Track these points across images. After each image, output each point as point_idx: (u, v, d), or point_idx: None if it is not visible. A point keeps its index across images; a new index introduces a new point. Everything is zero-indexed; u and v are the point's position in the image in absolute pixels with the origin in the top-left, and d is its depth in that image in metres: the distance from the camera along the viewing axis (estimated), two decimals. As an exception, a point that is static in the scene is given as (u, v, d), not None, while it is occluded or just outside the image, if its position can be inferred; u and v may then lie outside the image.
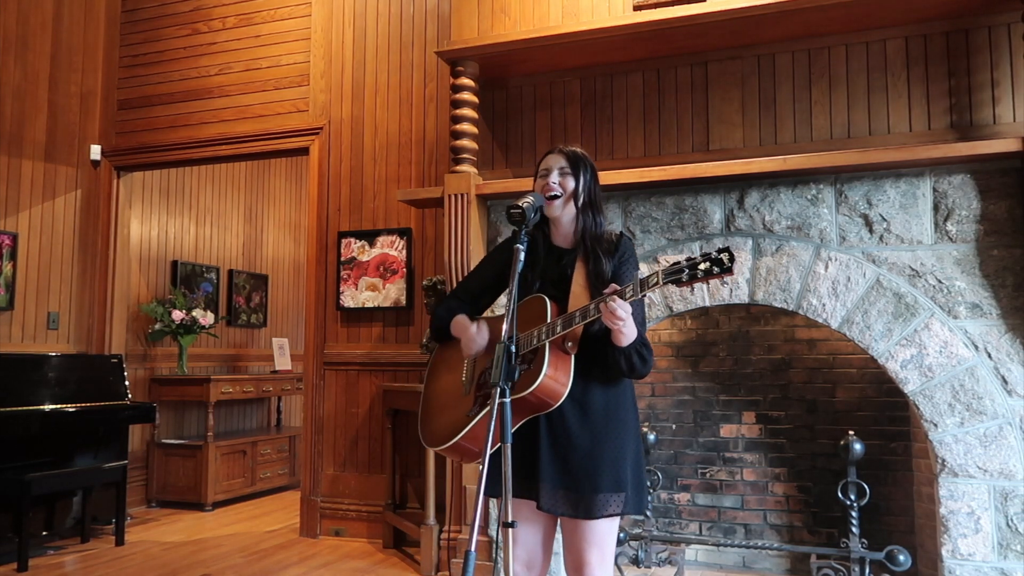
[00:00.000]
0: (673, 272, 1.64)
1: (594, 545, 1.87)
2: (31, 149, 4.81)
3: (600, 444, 1.86)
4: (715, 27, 3.28)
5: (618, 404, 1.92)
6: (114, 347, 5.06)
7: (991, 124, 3.14)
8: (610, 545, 1.90)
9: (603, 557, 1.88)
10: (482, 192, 3.57)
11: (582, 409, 1.87)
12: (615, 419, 1.90)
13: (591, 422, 1.87)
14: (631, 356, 1.82)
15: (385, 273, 4.41)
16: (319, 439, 4.51)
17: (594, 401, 1.89)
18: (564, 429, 1.87)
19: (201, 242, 6.05)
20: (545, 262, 2.01)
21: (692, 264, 1.61)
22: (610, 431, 1.88)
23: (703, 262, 1.59)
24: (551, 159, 2.02)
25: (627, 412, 1.94)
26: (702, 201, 3.38)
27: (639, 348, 1.82)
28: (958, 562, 2.92)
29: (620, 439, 1.89)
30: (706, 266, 1.59)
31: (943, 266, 3.04)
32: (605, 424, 1.88)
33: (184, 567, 3.84)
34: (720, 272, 1.58)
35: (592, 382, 1.89)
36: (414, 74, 4.44)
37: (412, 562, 3.91)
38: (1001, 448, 2.91)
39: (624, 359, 1.82)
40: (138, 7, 5.18)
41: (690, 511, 3.88)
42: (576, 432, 1.86)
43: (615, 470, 1.86)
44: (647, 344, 1.85)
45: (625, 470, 1.87)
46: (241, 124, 4.80)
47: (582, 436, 1.86)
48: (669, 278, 1.63)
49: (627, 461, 1.89)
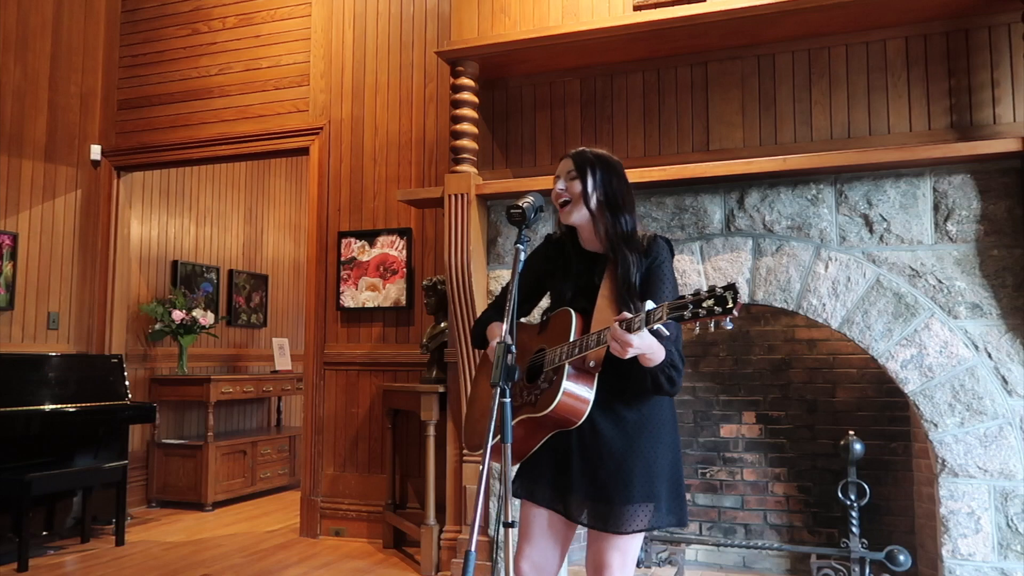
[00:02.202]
0: (677, 307, 1.61)
1: (617, 550, 1.85)
2: (31, 149, 4.81)
3: (632, 455, 1.85)
4: (715, 27, 3.27)
5: (652, 415, 1.89)
6: (114, 347, 5.06)
7: (991, 124, 3.14)
8: (633, 550, 1.88)
9: (624, 562, 1.86)
10: (482, 192, 3.57)
11: (615, 421, 1.86)
12: (648, 430, 1.88)
13: (624, 433, 1.86)
14: (658, 377, 1.78)
15: (385, 273, 4.41)
16: (319, 439, 4.51)
17: (627, 413, 1.87)
18: (595, 441, 1.86)
19: (201, 242, 6.05)
20: (577, 269, 1.98)
21: (697, 301, 1.59)
22: (643, 442, 1.86)
23: (708, 298, 1.57)
24: (561, 164, 2.00)
25: (662, 424, 1.90)
26: (702, 201, 3.38)
27: (666, 369, 1.78)
28: (958, 562, 2.92)
29: (653, 450, 1.87)
30: (709, 304, 1.57)
31: (943, 266, 3.04)
32: (638, 436, 1.86)
33: (184, 567, 3.84)
34: (723, 313, 1.56)
35: (625, 394, 1.87)
36: (414, 74, 4.44)
37: (412, 562, 3.91)
38: (1001, 448, 2.91)
39: (651, 379, 1.79)
40: (138, 7, 5.18)
41: (690, 511, 3.88)
42: (607, 444, 1.85)
43: (646, 482, 1.84)
44: (676, 366, 1.80)
45: (657, 482, 1.85)
46: (241, 124, 4.80)
47: (613, 447, 1.85)
48: (673, 314, 1.61)
49: (661, 472, 1.86)
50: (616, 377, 1.85)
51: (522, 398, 1.93)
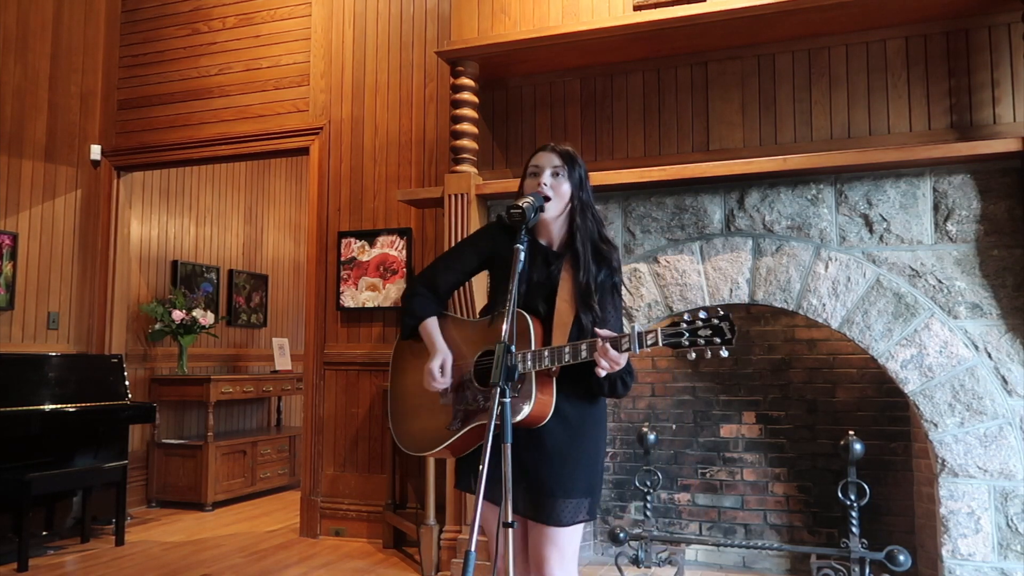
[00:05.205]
0: (673, 335, 1.61)
1: (554, 545, 1.86)
2: (31, 149, 4.81)
3: (575, 451, 1.86)
4: (715, 27, 3.28)
5: (593, 413, 1.91)
6: (114, 347, 5.06)
7: (991, 124, 3.14)
8: (573, 545, 1.89)
9: (563, 558, 1.86)
10: (482, 192, 3.57)
11: (560, 419, 1.85)
12: (590, 427, 1.90)
13: (568, 430, 1.86)
14: (615, 383, 1.81)
15: (385, 273, 4.41)
16: (319, 439, 4.51)
17: (571, 411, 1.87)
18: (541, 438, 1.85)
19: (201, 242, 6.05)
20: (531, 264, 1.92)
21: (692, 329, 1.58)
22: (586, 439, 1.88)
23: (704, 328, 1.57)
24: (543, 157, 1.94)
25: (601, 421, 1.95)
26: (702, 201, 3.38)
27: (624, 376, 1.81)
28: (958, 562, 2.92)
29: (594, 447, 1.90)
30: (707, 334, 1.56)
31: (943, 266, 3.04)
32: (581, 432, 1.88)
33: (184, 567, 3.84)
34: (720, 344, 1.56)
35: (569, 394, 1.87)
36: (414, 74, 4.44)
37: (412, 562, 3.91)
38: (1001, 448, 2.91)
39: (608, 384, 1.81)
40: (138, 7, 5.17)
41: (690, 511, 3.88)
42: (553, 440, 1.85)
43: (588, 477, 1.86)
44: (631, 371, 1.82)
45: (596, 478, 1.89)
46: (241, 124, 4.80)
47: (558, 444, 1.85)
48: (668, 340, 1.60)
49: (599, 469, 1.91)
50: (564, 377, 1.85)
51: (475, 403, 1.88)
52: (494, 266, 2.03)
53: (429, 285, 2.04)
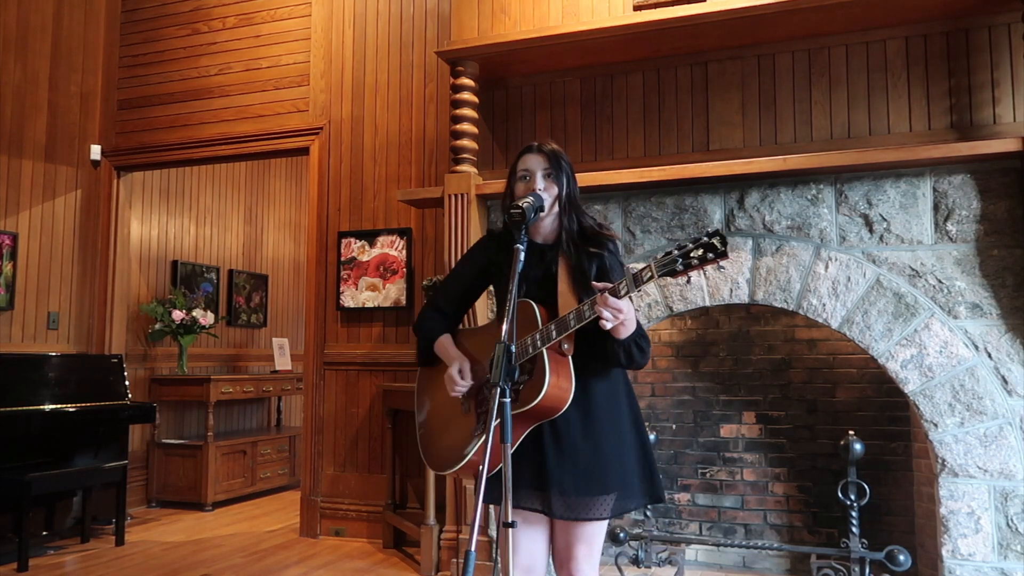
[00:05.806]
0: (667, 263, 1.57)
1: (582, 541, 1.86)
2: (31, 149, 4.81)
3: (605, 443, 1.84)
4: (715, 27, 3.28)
5: (617, 397, 1.90)
6: (114, 347, 5.06)
7: (991, 124, 3.14)
8: (599, 540, 1.89)
9: (591, 553, 1.87)
10: (482, 192, 3.57)
11: (583, 410, 1.85)
12: (616, 413, 1.88)
13: (594, 421, 1.85)
14: (631, 348, 1.77)
15: (385, 273, 4.41)
16: (319, 439, 4.50)
17: (594, 400, 1.86)
18: (568, 434, 1.84)
19: (201, 242, 6.05)
20: (528, 263, 1.92)
21: (684, 252, 1.55)
22: (613, 428, 1.87)
23: (695, 248, 1.53)
24: (531, 160, 1.95)
25: (625, 405, 1.92)
26: (702, 201, 3.38)
27: (638, 339, 1.78)
28: (958, 562, 2.92)
29: (621, 434, 1.88)
30: (699, 253, 1.53)
31: (943, 266, 3.04)
32: (608, 421, 1.86)
33: (184, 567, 3.84)
34: (715, 257, 1.52)
35: (590, 379, 1.86)
36: (414, 74, 4.44)
37: (412, 562, 3.91)
38: (1001, 448, 2.91)
39: (624, 352, 1.78)
40: (138, 7, 5.17)
41: (690, 511, 3.88)
42: (580, 435, 1.84)
43: (621, 468, 1.84)
44: (644, 335, 1.81)
45: (627, 466, 1.86)
46: (241, 124, 4.80)
47: (587, 438, 1.84)
48: (664, 270, 1.57)
49: (632, 455, 1.87)
50: (580, 359, 1.83)
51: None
52: (493, 274, 2.05)
53: (434, 306, 2.11)
